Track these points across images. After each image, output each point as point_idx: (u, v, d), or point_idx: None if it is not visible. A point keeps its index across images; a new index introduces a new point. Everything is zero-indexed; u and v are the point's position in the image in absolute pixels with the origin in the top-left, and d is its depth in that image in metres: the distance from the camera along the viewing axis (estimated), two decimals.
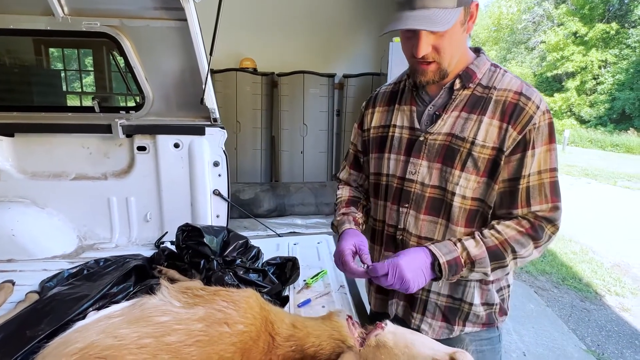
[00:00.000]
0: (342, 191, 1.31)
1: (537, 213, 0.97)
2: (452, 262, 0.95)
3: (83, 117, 2.23)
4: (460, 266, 0.95)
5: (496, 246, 0.96)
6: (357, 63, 5.19)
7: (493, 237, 0.97)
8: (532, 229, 0.97)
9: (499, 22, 27.46)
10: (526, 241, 0.96)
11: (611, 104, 19.70)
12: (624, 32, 19.86)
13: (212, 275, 1.42)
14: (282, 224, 3.94)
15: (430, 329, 1.11)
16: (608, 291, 3.96)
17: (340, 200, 1.28)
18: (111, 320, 0.91)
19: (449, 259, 0.95)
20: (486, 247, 0.96)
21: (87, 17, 1.99)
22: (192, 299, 1.00)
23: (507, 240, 0.96)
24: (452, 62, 0.98)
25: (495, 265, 0.97)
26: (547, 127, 0.96)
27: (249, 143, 5.09)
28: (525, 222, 0.98)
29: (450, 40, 0.93)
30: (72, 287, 1.41)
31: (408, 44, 0.97)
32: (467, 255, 0.96)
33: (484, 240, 0.97)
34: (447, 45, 0.94)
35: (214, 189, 2.27)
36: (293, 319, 1.03)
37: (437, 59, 0.96)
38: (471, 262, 0.96)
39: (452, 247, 0.97)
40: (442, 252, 0.96)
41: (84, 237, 2.21)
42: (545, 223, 0.97)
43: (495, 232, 0.98)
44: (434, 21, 0.87)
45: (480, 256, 0.96)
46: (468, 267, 0.96)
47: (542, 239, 0.97)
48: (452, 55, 0.97)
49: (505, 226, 0.98)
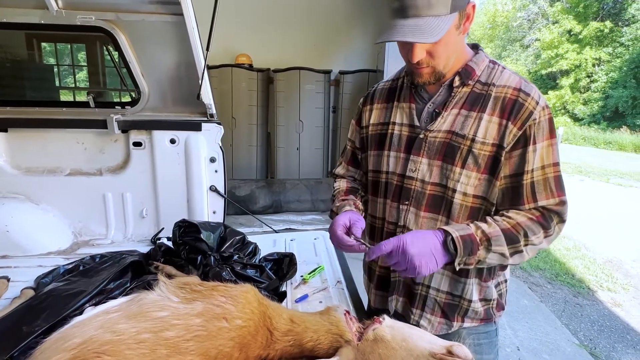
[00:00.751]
0: (340, 183, 1.31)
1: (546, 207, 0.97)
2: (467, 238, 0.92)
3: (78, 112, 2.21)
4: (477, 244, 0.92)
5: (509, 229, 0.94)
6: (353, 59, 5.18)
7: (505, 221, 0.96)
8: (543, 217, 0.96)
9: (494, 19, 27.55)
10: (537, 228, 0.95)
11: (605, 101, 19.86)
12: (617, 30, 19.99)
13: (209, 271, 1.42)
14: (278, 220, 3.95)
15: (429, 325, 1.12)
16: (600, 287, 4.01)
17: (339, 191, 1.27)
18: (109, 316, 0.90)
19: (463, 234, 0.92)
20: (500, 227, 0.95)
21: (81, 11, 1.97)
22: (190, 295, 1.00)
23: (519, 223, 0.95)
24: (448, 65, 0.99)
25: (512, 249, 0.95)
26: (547, 122, 0.96)
27: (244, 139, 5.07)
28: (535, 211, 0.97)
29: (445, 46, 0.94)
30: (68, 283, 1.40)
31: (404, 49, 0.98)
32: (482, 233, 0.93)
33: (497, 223, 0.96)
34: (442, 50, 0.94)
35: (210, 185, 2.26)
36: (291, 314, 1.04)
37: (432, 63, 0.96)
38: (487, 239, 0.93)
39: (464, 225, 0.95)
40: (455, 228, 0.94)
41: (79, 233, 2.20)
42: (554, 215, 0.98)
43: (506, 217, 0.97)
44: (425, 32, 0.87)
45: (496, 234, 0.93)
46: (485, 246, 0.93)
47: (551, 229, 0.97)
48: (448, 58, 0.98)
49: (516, 213, 0.97)
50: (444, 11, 0.88)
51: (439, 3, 0.87)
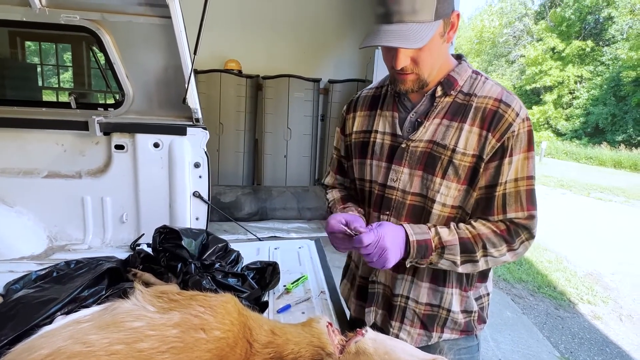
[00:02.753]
0: (333, 193, 1.28)
1: (514, 220, 0.98)
2: (422, 243, 0.95)
3: (58, 112, 2.15)
4: (430, 249, 0.95)
5: (468, 239, 0.97)
6: (343, 69, 5.22)
7: (467, 230, 0.98)
8: (507, 232, 0.97)
9: (481, 35, 28.24)
10: (499, 242, 0.97)
11: (586, 118, 20.48)
12: (598, 49, 20.72)
13: (189, 279, 1.38)
14: (263, 227, 3.91)
15: (409, 337, 1.10)
16: (581, 299, 4.06)
17: (335, 200, 1.25)
18: (80, 326, 0.86)
19: (419, 239, 0.95)
20: (458, 237, 0.97)
21: (66, 10, 1.93)
22: (167, 304, 0.96)
23: (480, 235, 0.97)
24: (432, 73, 0.98)
25: (465, 258, 0.97)
26: (526, 134, 0.97)
27: (231, 145, 5.03)
28: (502, 224, 0.98)
29: (429, 53, 0.93)
30: (39, 289, 1.34)
31: (388, 55, 0.97)
32: (438, 240, 0.96)
33: (458, 231, 0.98)
34: (427, 57, 0.94)
35: (194, 191, 2.22)
36: (272, 325, 1.01)
37: (416, 70, 0.96)
38: (442, 246, 0.96)
39: (425, 229, 0.97)
40: (414, 231, 0.96)
41: (54, 238, 2.12)
42: (522, 229, 0.98)
43: (470, 226, 0.98)
44: (408, 38, 0.87)
45: (452, 243, 0.96)
46: (438, 252, 0.96)
47: (516, 244, 0.98)
48: (432, 66, 0.97)
49: (481, 224, 0.99)
50: (429, 18, 0.88)
51: (423, 10, 0.87)
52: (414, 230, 0.96)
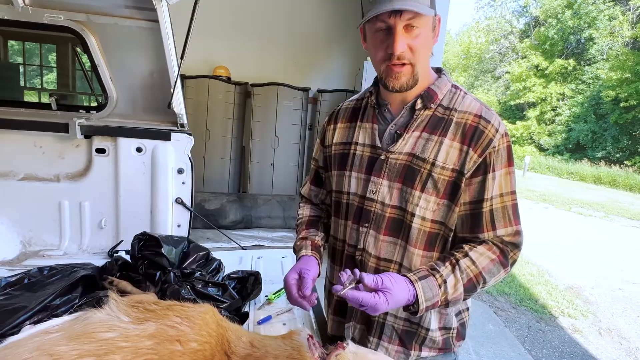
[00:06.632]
0: (303, 210, 1.28)
1: (504, 238, 0.98)
2: (430, 307, 0.93)
3: (38, 113, 2.08)
4: (435, 306, 0.94)
5: (471, 280, 0.96)
6: (332, 79, 5.24)
7: (469, 270, 0.96)
8: (502, 255, 0.98)
9: (468, 50, 28.91)
10: (497, 269, 0.97)
11: (568, 134, 21.01)
12: (580, 68, 21.38)
13: (167, 288, 1.34)
14: (248, 236, 3.85)
15: (387, 354, 1.08)
16: (562, 313, 4.10)
17: (301, 222, 1.26)
18: (48, 336, 0.82)
19: (428, 305, 0.93)
20: (463, 284, 0.95)
21: (50, 10, 1.89)
22: (142, 314, 0.93)
23: (481, 272, 0.96)
24: (423, 69, 0.98)
25: (466, 296, 0.97)
26: (506, 150, 0.97)
27: (218, 152, 4.98)
28: (496, 248, 0.98)
29: (424, 42, 0.93)
30: (8, 297, 1.28)
31: (382, 45, 0.94)
32: (445, 299, 0.94)
33: (462, 277, 0.95)
34: (422, 46, 0.93)
35: (176, 197, 2.18)
36: (251, 337, 0.98)
37: (412, 59, 0.94)
38: (447, 302, 0.95)
39: (436, 290, 0.93)
40: (425, 298, 0.92)
41: (28, 243, 2.05)
42: (511, 247, 0.99)
43: (471, 262, 0.96)
44: (419, 1, 0.88)
45: (457, 298, 0.95)
46: (442, 306, 0.96)
47: (508, 264, 0.99)
48: (424, 59, 0.97)
49: (479, 254, 0.97)
50: (426, 2, 0.90)
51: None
52: (425, 295, 0.92)
